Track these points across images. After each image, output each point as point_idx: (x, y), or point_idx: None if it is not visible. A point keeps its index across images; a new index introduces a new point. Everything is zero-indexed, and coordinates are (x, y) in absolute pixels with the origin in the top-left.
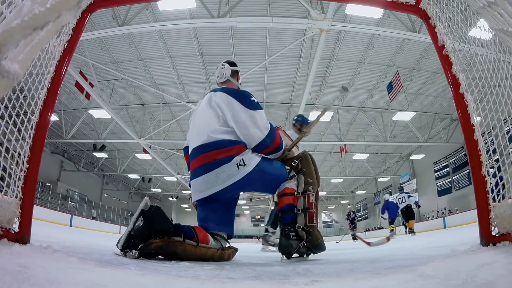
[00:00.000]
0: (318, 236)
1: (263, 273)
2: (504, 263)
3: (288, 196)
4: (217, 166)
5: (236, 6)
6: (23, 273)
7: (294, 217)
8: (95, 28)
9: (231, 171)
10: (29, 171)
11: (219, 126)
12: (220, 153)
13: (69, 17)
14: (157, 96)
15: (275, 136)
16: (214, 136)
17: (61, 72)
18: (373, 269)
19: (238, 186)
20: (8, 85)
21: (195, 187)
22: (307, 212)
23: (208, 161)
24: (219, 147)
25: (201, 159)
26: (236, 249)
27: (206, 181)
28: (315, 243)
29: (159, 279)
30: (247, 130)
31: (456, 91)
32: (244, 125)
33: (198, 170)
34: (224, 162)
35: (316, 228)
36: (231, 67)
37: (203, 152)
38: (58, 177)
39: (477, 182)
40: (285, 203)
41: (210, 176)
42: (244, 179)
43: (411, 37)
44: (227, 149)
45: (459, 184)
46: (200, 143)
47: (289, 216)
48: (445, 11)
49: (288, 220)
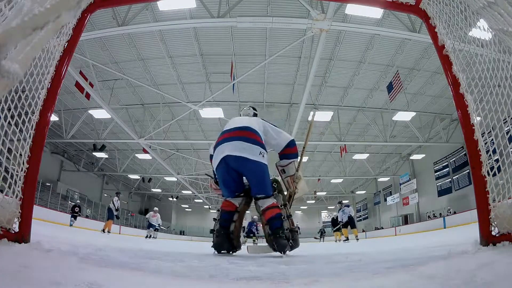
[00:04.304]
0: (297, 236)
1: (263, 273)
2: (504, 263)
3: (274, 208)
4: (248, 141)
5: (236, 6)
6: (23, 273)
7: (281, 222)
8: (95, 28)
9: (254, 152)
10: (29, 171)
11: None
12: (254, 136)
13: (69, 17)
14: (157, 96)
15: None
16: (252, 127)
17: (61, 72)
18: (373, 269)
19: (252, 163)
20: (8, 85)
21: (227, 147)
22: (289, 218)
23: (244, 135)
24: (254, 132)
25: (237, 133)
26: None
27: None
28: (297, 242)
29: (159, 279)
30: (280, 133)
31: (456, 91)
32: (278, 131)
33: (233, 138)
34: (254, 142)
35: (296, 230)
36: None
37: (241, 130)
38: (58, 177)
39: (477, 182)
40: (274, 213)
41: (244, 145)
42: (256, 163)
43: (411, 37)
44: (258, 138)
45: (459, 184)
46: (238, 125)
47: (278, 222)
48: (445, 11)
49: (278, 225)
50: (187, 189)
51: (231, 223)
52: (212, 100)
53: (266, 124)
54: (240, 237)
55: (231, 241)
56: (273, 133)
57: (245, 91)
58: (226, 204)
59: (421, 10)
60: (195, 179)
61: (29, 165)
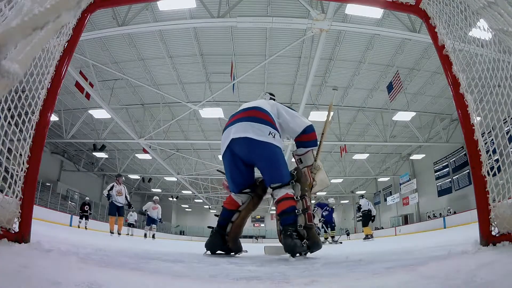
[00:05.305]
0: (315, 234)
1: (263, 273)
2: (504, 263)
3: (288, 200)
4: (256, 121)
5: (236, 6)
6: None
7: (295, 218)
8: (95, 28)
9: (263, 131)
10: (29, 171)
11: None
12: (264, 116)
13: (69, 17)
14: (157, 96)
15: (314, 131)
16: (261, 107)
17: (61, 72)
18: (373, 269)
19: (259, 145)
20: (8, 85)
21: (232, 130)
22: (306, 212)
23: (251, 115)
24: (264, 112)
25: (245, 113)
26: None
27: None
28: (314, 241)
29: (159, 279)
30: (296, 117)
31: (456, 91)
32: (293, 114)
33: (239, 120)
34: (263, 122)
35: (314, 227)
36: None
37: (249, 110)
38: (58, 177)
39: (477, 182)
40: (287, 206)
41: (251, 125)
42: (265, 144)
43: (411, 37)
44: (269, 118)
45: (459, 184)
46: (246, 106)
47: (290, 217)
48: (445, 11)
49: (289, 221)
50: (187, 189)
51: (228, 223)
52: (212, 100)
53: (280, 106)
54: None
55: (225, 243)
56: (287, 115)
57: (245, 91)
58: (228, 201)
59: (421, 10)
60: (195, 179)
61: (29, 165)
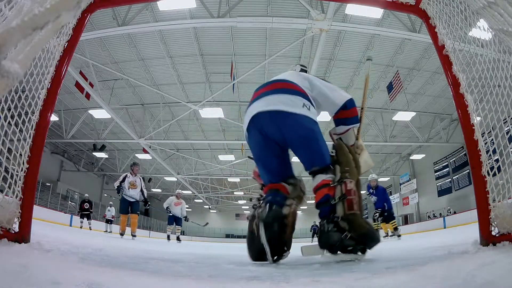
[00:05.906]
0: (363, 223)
1: (263, 273)
2: (504, 263)
3: (323, 188)
4: (287, 92)
5: (236, 6)
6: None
7: (332, 208)
8: (95, 28)
9: (295, 103)
10: (29, 171)
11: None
12: (295, 87)
13: (69, 17)
14: (157, 96)
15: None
16: (290, 79)
17: (61, 72)
18: (373, 269)
19: (293, 119)
20: (8, 85)
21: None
22: (344, 199)
23: (281, 87)
24: (295, 84)
25: (272, 86)
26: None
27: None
28: (361, 232)
29: (159, 279)
30: (334, 90)
31: (456, 91)
32: (331, 86)
33: (266, 93)
34: (294, 93)
35: (359, 216)
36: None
37: (277, 82)
38: (58, 177)
39: (477, 182)
40: (321, 196)
41: (281, 97)
42: (301, 117)
43: (411, 37)
44: (301, 89)
45: (459, 184)
46: (275, 78)
47: (326, 209)
48: (445, 11)
49: (325, 213)
50: (187, 189)
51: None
52: (212, 100)
53: (313, 77)
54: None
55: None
56: (324, 87)
57: (245, 91)
58: (273, 186)
59: (421, 10)
60: (195, 179)
61: (29, 165)
